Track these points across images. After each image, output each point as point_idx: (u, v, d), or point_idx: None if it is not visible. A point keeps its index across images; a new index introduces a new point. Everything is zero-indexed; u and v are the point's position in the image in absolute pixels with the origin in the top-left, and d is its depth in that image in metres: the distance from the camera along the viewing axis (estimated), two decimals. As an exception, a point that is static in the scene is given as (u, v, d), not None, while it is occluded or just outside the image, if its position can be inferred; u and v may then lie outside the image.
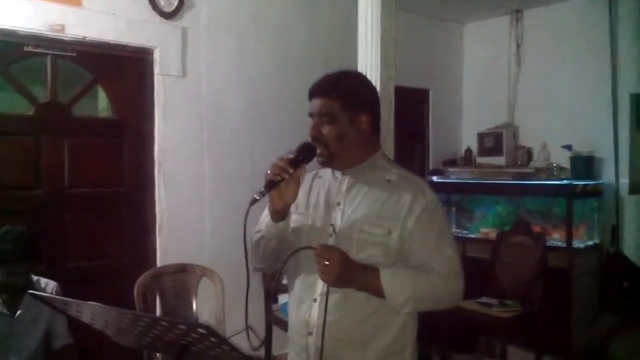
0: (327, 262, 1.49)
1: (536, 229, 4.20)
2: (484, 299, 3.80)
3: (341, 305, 1.56)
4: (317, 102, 1.64)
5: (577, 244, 4.10)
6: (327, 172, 1.75)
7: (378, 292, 1.53)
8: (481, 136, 4.98)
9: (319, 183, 1.74)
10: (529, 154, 4.77)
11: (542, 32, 4.76)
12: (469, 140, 5.20)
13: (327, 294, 1.54)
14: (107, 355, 2.74)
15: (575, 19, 4.52)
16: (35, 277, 2.53)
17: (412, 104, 5.03)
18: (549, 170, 4.37)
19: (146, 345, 1.38)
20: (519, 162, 4.75)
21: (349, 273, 1.51)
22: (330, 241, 1.60)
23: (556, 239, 4.20)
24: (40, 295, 1.42)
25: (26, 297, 2.41)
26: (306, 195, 1.73)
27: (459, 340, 4.15)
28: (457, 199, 5.03)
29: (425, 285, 1.57)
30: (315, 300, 1.60)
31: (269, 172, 1.51)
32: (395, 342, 1.62)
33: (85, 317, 1.34)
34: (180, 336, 1.20)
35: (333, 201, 1.67)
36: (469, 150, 5.12)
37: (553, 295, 3.79)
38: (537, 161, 4.60)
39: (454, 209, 5.03)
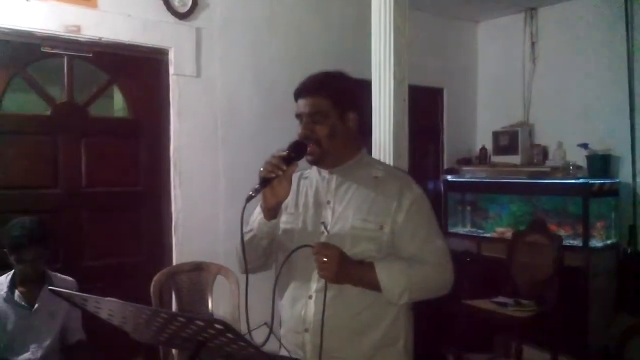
0: (325, 259, 1.53)
1: (552, 228, 4.17)
2: (500, 299, 3.79)
3: (336, 300, 1.60)
4: (306, 102, 1.67)
5: (593, 243, 4.06)
6: (312, 173, 1.78)
7: (374, 286, 1.57)
8: (496, 135, 4.94)
9: (306, 183, 1.77)
10: (544, 152, 4.73)
11: (557, 29, 4.72)
12: (483, 139, 5.17)
13: (325, 290, 1.57)
14: (119, 351, 2.78)
15: (591, 16, 4.47)
16: (52, 273, 2.59)
17: (426, 103, 5.01)
18: (565, 169, 4.33)
19: (163, 341, 1.38)
20: (535, 161, 4.72)
21: (346, 269, 1.55)
22: (323, 239, 1.63)
23: (572, 238, 4.16)
24: (60, 291, 1.43)
25: (43, 291, 2.47)
26: (294, 196, 1.75)
27: (474, 339, 4.14)
28: (471, 198, 5.01)
29: (418, 276, 1.61)
30: (310, 297, 1.63)
31: (262, 169, 1.54)
32: (388, 333, 1.67)
33: (104, 313, 1.35)
34: (197, 332, 1.20)
35: (322, 200, 1.71)
36: (483, 149, 5.09)
37: (569, 295, 3.76)
38: (553, 160, 4.56)
39: (468, 208, 5.02)
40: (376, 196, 1.66)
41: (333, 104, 1.65)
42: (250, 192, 1.51)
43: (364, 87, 2.29)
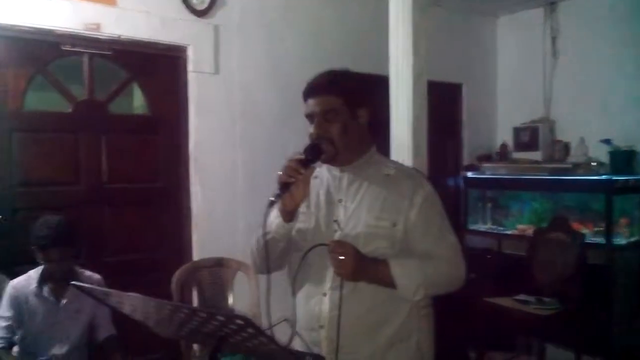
0: (342, 257, 1.54)
1: (574, 225, 4.11)
2: (521, 296, 3.74)
3: (351, 297, 1.60)
4: (317, 101, 1.67)
5: (617, 241, 3.99)
6: (323, 171, 1.78)
7: (389, 283, 1.59)
8: (517, 131, 4.89)
9: (316, 183, 1.76)
10: (566, 148, 4.66)
11: (578, 24, 4.65)
12: (504, 135, 5.12)
13: (341, 288, 1.58)
14: (148, 346, 2.81)
15: (612, 9, 4.39)
16: (80, 270, 2.62)
17: (445, 99, 4.97)
18: (587, 165, 4.26)
19: (185, 336, 1.39)
20: (556, 157, 4.65)
21: (362, 267, 1.56)
22: (336, 237, 1.64)
23: (595, 235, 4.09)
24: (81, 285, 1.44)
25: (71, 287, 2.48)
26: None
27: (495, 337, 4.10)
28: (492, 195, 4.96)
29: (432, 272, 1.64)
30: (325, 294, 1.64)
31: (280, 174, 1.55)
32: (402, 329, 1.68)
33: (126, 308, 1.36)
34: (219, 327, 1.20)
35: (334, 198, 1.71)
36: (504, 145, 5.03)
37: (592, 293, 3.71)
38: (575, 156, 4.49)
39: (489, 205, 4.97)
40: (388, 194, 1.67)
41: (344, 102, 1.66)
42: (271, 198, 1.54)
43: (374, 83, 2.28)
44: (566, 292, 3.71)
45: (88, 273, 2.64)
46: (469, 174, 4.97)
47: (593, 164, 4.24)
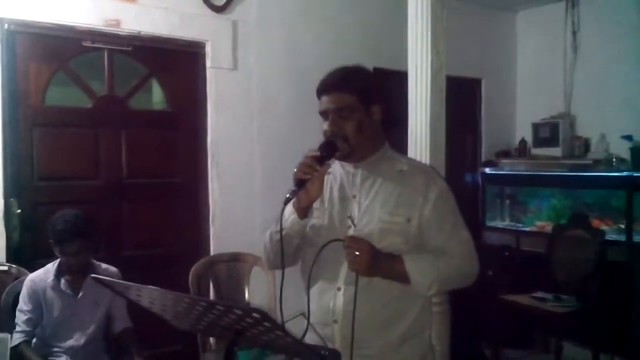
0: (357, 253, 1.55)
1: (594, 222, 4.07)
2: (539, 294, 3.72)
3: (365, 292, 1.60)
4: (332, 98, 1.67)
5: (637, 238, 3.94)
6: (336, 167, 1.78)
7: (403, 278, 1.59)
8: (536, 126, 4.84)
9: (330, 179, 1.76)
10: (586, 144, 4.61)
11: (600, 18, 4.59)
12: (523, 131, 5.07)
13: (357, 283, 1.58)
14: (164, 339, 2.83)
15: (634, 3, 4.32)
16: (97, 263, 2.65)
17: (464, 94, 4.94)
18: (608, 162, 4.21)
19: (202, 329, 1.40)
20: (576, 153, 4.61)
21: (377, 262, 1.57)
22: (350, 233, 1.65)
23: (615, 233, 4.05)
24: (102, 278, 1.47)
25: (88, 279, 2.53)
26: None
27: (512, 335, 4.08)
28: (510, 191, 4.93)
29: (446, 267, 1.64)
30: (339, 289, 1.65)
31: (296, 170, 1.57)
32: (415, 324, 1.70)
33: (145, 301, 1.38)
34: (236, 321, 1.21)
35: (348, 194, 1.72)
36: (523, 141, 4.99)
37: (612, 291, 3.67)
38: (595, 152, 4.44)
39: (507, 201, 4.93)
40: (402, 190, 1.67)
41: (358, 99, 1.65)
42: (288, 195, 1.55)
43: (388, 79, 2.28)
44: (585, 290, 3.68)
45: (105, 266, 2.68)
46: (487, 170, 4.94)
47: (614, 160, 4.18)
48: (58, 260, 2.55)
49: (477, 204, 4.99)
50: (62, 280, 2.54)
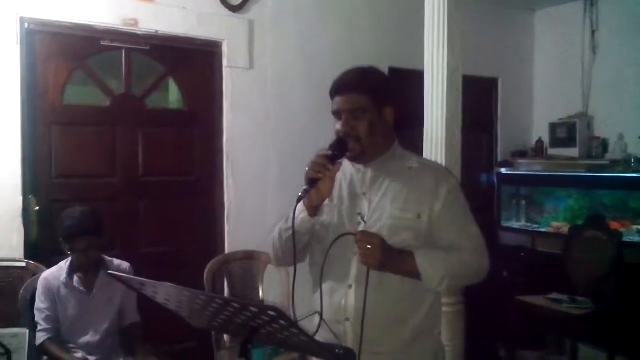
0: (369, 246, 1.55)
1: (611, 223, 4.02)
2: (554, 295, 3.69)
3: (377, 289, 1.61)
4: (345, 99, 1.67)
5: (656, 239, 3.90)
6: (345, 165, 1.76)
7: (414, 273, 1.60)
8: (553, 127, 4.79)
9: (339, 176, 1.75)
10: (604, 145, 4.56)
11: (619, 18, 4.53)
12: (540, 131, 5.03)
13: (367, 279, 1.58)
14: (179, 336, 2.85)
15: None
16: (109, 259, 2.68)
17: (481, 94, 4.90)
18: (626, 163, 4.17)
19: (217, 326, 1.41)
20: (594, 154, 4.55)
21: (388, 256, 1.57)
22: (360, 229, 1.64)
23: (633, 234, 4.00)
24: (119, 275, 1.48)
25: (100, 276, 2.56)
26: None
27: (527, 336, 4.05)
28: (527, 191, 4.88)
29: (457, 263, 1.64)
30: (350, 286, 1.65)
31: (308, 169, 1.57)
32: (426, 321, 1.70)
33: (160, 298, 1.39)
34: (251, 318, 1.22)
35: (358, 191, 1.72)
36: (540, 142, 4.95)
37: (628, 293, 3.62)
38: (613, 153, 4.39)
39: (523, 202, 4.89)
40: (412, 186, 1.68)
41: (371, 100, 1.66)
42: (300, 194, 1.56)
43: (400, 79, 2.26)
44: (601, 292, 3.64)
45: (117, 262, 2.70)
46: (503, 170, 4.90)
47: (632, 161, 4.13)
48: (70, 258, 2.58)
49: (493, 204, 4.95)
50: (75, 278, 2.57)
